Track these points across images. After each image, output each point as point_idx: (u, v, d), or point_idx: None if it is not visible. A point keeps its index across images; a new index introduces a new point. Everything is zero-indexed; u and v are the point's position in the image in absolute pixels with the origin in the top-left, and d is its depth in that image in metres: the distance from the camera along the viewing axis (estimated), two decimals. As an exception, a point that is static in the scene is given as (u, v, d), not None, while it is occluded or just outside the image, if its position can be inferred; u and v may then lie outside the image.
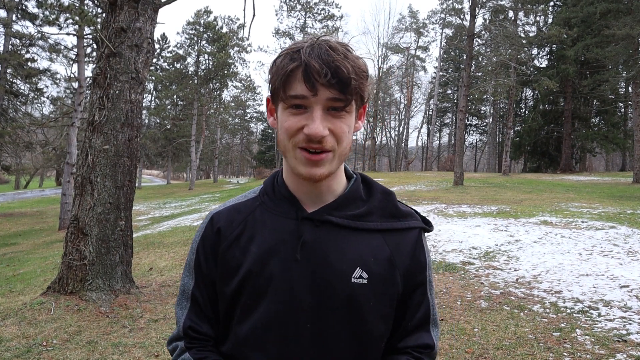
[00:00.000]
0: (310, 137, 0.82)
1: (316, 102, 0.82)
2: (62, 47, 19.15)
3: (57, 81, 22.37)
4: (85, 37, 15.53)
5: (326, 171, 0.86)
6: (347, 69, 0.80)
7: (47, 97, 23.59)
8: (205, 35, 37.77)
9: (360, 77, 0.83)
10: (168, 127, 40.69)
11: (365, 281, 0.89)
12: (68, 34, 15.79)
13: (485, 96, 33.16)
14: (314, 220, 0.90)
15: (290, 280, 0.88)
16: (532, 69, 31.30)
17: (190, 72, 38.08)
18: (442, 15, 38.53)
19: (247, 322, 0.90)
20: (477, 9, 19.94)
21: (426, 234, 1.02)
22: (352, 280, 0.88)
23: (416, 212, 1.01)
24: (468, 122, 45.44)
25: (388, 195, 0.98)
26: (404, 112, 42.26)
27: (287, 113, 0.85)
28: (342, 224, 0.91)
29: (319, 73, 0.79)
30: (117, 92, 4.95)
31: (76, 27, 14.63)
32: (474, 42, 20.51)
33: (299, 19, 37.88)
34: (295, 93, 0.82)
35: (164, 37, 45.84)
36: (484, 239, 7.39)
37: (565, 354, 3.35)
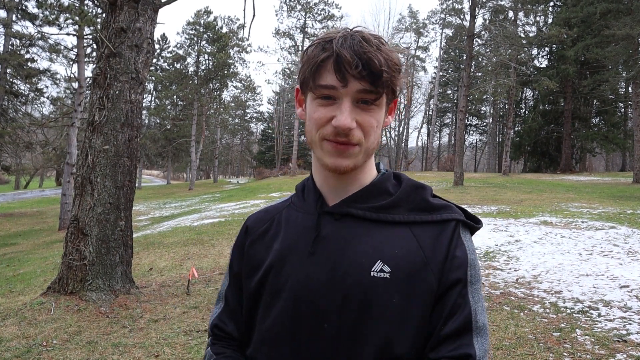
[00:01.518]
0: (338, 128, 0.80)
1: (346, 94, 0.80)
2: (62, 47, 19.17)
3: (57, 81, 22.39)
4: (85, 37, 15.54)
5: (351, 163, 0.84)
6: (379, 61, 0.78)
7: (47, 97, 23.60)
8: (205, 36, 37.79)
9: (392, 70, 0.80)
10: (168, 127, 40.70)
11: (387, 275, 0.82)
12: (68, 34, 15.81)
13: (485, 96, 33.17)
14: (334, 214, 0.88)
15: (306, 276, 0.85)
16: (532, 69, 31.31)
17: (190, 72, 38.09)
18: (442, 16, 38.55)
19: (267, 320, 0.89)
20: (477, 9, 19.95)
21: (476, 232, 0.92)
22: (372, 273, 0.82)
23: (459, 207, 0.91)
24: (468, 122, 45.45)
25: (418, 189, 0.90)
26: (404, 112, 42.27)
27: (315, 104, 0.84)
28: (363, 216, 0.87)
29: (350, 64, 0.78)
30: (117, 92, 4.95)
31: (76, 27, 14.64)
32: (474, 42, 20.51)
33: (299, 19, 37.89)
34: (325, 83, 0.81)
35: (164, 37, 45.86)
36: (484, 239, 7.39)
37: (565, 354, 3.35)
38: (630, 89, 27.16)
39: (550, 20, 31.32)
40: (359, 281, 0.82)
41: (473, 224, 0.90)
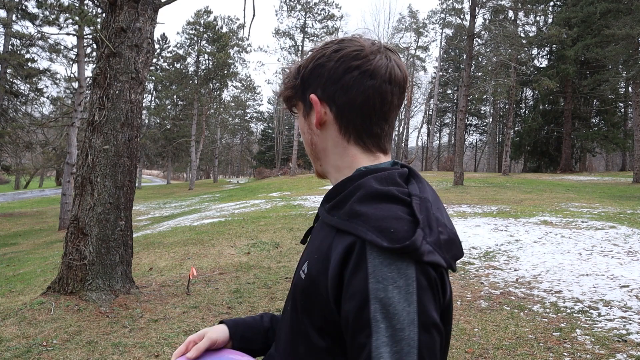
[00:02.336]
0: None
1: None
2: (62, 47, 19.18)
3: (57, 81, 22.39)
4: (85, 37, 15.54)
5: (314, 168, 0.93)
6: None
7: (47, 97, 23.62)
8: (205, 35, 37.79)
9: (284, 84, 0.90)
10: (168, 127, 40.71)
11: (303, 276, 0.79)
12: (68, 34, 15.81)
13: (485, 96, 33.17)
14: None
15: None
16: (532, 69, 31.32)
17: (190, 72, 38.11)
18: (442, 15, 38.58)
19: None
20: (477, 9, 19.95)
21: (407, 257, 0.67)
22: (300, 272, 0.81)
23: (401, 217, 0.69)
24: (468, 122, 45.46)
25: (357, 188, 0.76)
26: (404, 112, 42.27)
27: None
28: (322, 219, 0.83)
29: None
30: (117, 92, 4.95)
31: (76, 27, 14.64)
32: (474, 42, 20.51)
33: (299, 19, 37.88)
34: None
35: (164, 37, 45.87)
36: (484, 239, 7.39)
37: (565, 354, 3.35)
38: (630, 88, 27.16)
39: (550, 20, 31.33)
40: (296, 278, 0.85)
41: (383, 244, 0.66)
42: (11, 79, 21.24)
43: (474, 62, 23.47)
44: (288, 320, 0.85)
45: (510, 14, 26.10)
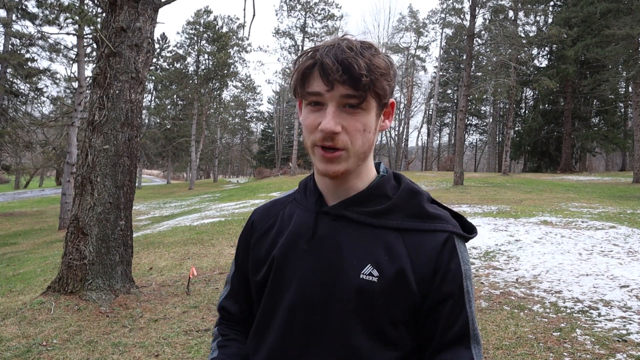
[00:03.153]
0: (323, 132, 0.84)
1: (331, 99, 0.84)
2: (62, 46, 19.18)
3: (57, 81, 22.36)
4: (85, 37, 15.53)
5: (342, 168, 0.87)
6: (358, 65, 0.81)
7: (47, 97, 23.58)
8: (205, 35, 37.77)
9: (374, 73, 0.83)
10: (168, 126, 40.71)
11: (375, 279, 0.86)
12: (68, 33, 15.80)
13: (485, 96, 33.18)
14: (331, 214, 0.92)
15: (303, 272, 0.91)
16: (532, 69, 31.32)
17: (190, 72, 38.09)
18: (442, 15, 38.56)
19: (266, 307, 0.96)
20: (477, 8, 19.94)
21: (469, 241, 0.97)
22: (361, 276, 0.86)
23: (456, 216, 0.95)
24: (468, 122, 45.46)
25: (414, 195, 0.93)
26: (404, 112, 42.26)
27: (306, 110, 0.88)
28: (357, 220, 0.90)
29: (331, 69, 0.82)
30: (117, 92, 4.95)
31: (76, 26, 14.63)
32: (474, 42, 20.52)
33: (299, 19, 37.86)
34: (311, 90, 0.85)
35: (163, 36, 45.86)
36: (484, 239, 7.39)
37: (565, 354, 3.35)
38: (630, 88, 27.16)
39: (550, 20, 31.32)
40: (348, 282, 0.87)
41: (467, 234, 0.92)
42: (11, 79, 21.23)
43: (474, 62, 23.45)
44: (343, 325, 0.87)
45: (510, 14, 26.10)
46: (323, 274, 0.89)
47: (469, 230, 0.93)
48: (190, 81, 36.75)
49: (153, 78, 39.20)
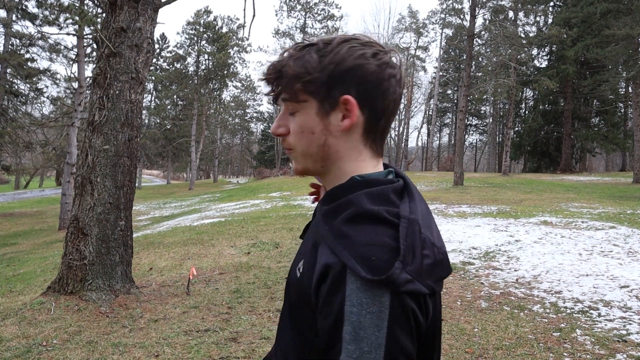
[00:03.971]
0: (272, 134, 0.88)
1: (281, 103, 0.86)
2: (62, 47, 19.19)
3: (57, 81, 22.38)
4: (85, 37, 15.54)
5: (299, 167, 0.88)
6: (269, 67, 0.83)
7: (47, 97, 23.60)
8: (205, 35, 37.79)
9: (273, 74, 0.83)
10: (168, 127, 40.72)
11: (298, 275, 0.82)
12: (68, 34, 15.81)
13: (485, 96, 33.18)
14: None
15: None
16: (532, 69, 31.33)
17: (190, 72, 38.11)
18: (442, 15, 38.57)
19: None
20: (477, 9, 19.95)
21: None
22: (296, 270, 0.84)
23: (393, 252, 0.69)
24: (468, 122, 45.47)
25: (348, 203, 0.77)
26: (404, 112, 42.26)
27: None
28: (318, 218, 0.85)
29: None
30: (117, 92, 4.95)
31: (76, 27, 14.64)
32: (474, 42, 20.52)
33: (299, 19, 37.91)
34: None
35: (163, 37, 45.88)
36: (484, 239, 7.39)
37: (565, 354, 3.36)
38: (630, 89, 27.17)
39: (550, 20, 31.34)
40: (292, 270, 0.87)
41: (365, 274, 0.67)
42: (11, 79, 21.24)
43: (474, 62, 23.48)
44: (287, 316, 0.87)
45: (510, 14, 26.11)
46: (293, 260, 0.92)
47: (377, 271, 0.67)
48: (190, 81, 36.77)
49: (153, 78, 39.22)
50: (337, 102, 0.80)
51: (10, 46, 20.74)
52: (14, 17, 19.86)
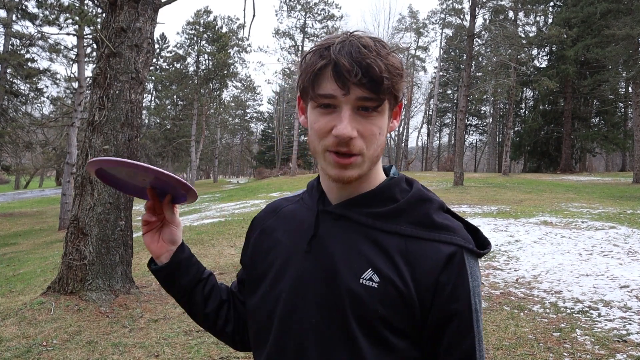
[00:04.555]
0: (339, 138, 0.78)
1: (346, 102, 0.78)
2: (62, 47, 19.16)
3: (57, 81, 22.37)
4: (85, 37, 15.54)
5: (355, 174, 0.83)
6: (379, 67, 0.76)
7: (47, 97, 23.58)
8: (205, 35, 37.79)
9: (393, 75, 0.78)
10: (168, 127, 40.71)
11: (375, 285, 0.81)
12: (68, 34, 15.81)
13: (485, 96, 33.19)
14: (333, 214, 0.88)
15: (303, 271, 0.87)
16: (532, 69, 31.33)
17: (190, 72, 38.11)
18: (442, 16, 38.57)
19: (259, 301, 0.94)
20: (477, 9, 19.96)
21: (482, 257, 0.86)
22: (361, 280, 0.81)
23: (471, 228, 0.87)
24: (468, 122, 45.47)
25: (423, 201, 0.86)
26: (404, 112, 42.16)
27: (316, 113, 0.82)
28: (359, 221, 0.85)
29: (350, 72, 0.75)
30: (117, 92, 4.95)
31: (76, 27, 14.64)
32: (474, 42, 20.52)
33: (299, 19, 37.89)
34: (324, 92, 0.79)
35: (163, 37, 45.88)
36: (484, 239, 7.38)
37: (565, 354, 3.35)
38: (630, 89, 27.17)
39: (550, 20, 31.33)
40: (347, 285, 0.82)
41: (478, 250, 0.84)
42: (11, 79, 21.24)
43: (474, 62, 23.48)
44: (335, 332, 0.83)
45: (510, 14, 26.11)
46: (323, 275, 0.85)
47: (482, 246, 0.85)
48: (190, 81, 36.78)
49: (153, 78, 39.22)
50: (397, 105, 0.86)
51: (10, 46, 20.74)
52: (14, 17, 19.86)
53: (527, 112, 38.29)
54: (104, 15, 5.56)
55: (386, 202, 0.86)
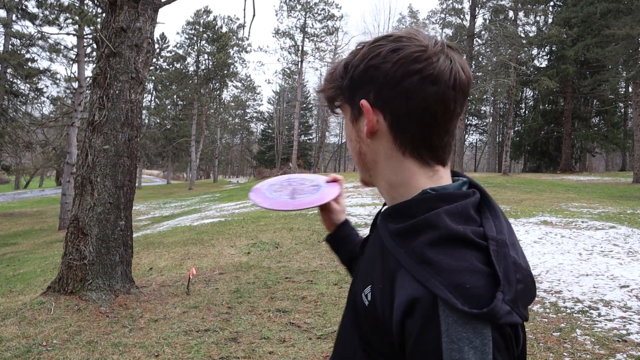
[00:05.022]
0: None
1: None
2: (62, 47, 19.17)
3: (57, 81, 22.38)
4: (85, 37, 15.54)
5: (360, 176, 0.85)
6: (323, 81, 0.83)
7: (47, 97, 23.59)
8: (205, 35, 37.80)
9: (328, 81, 0.81)
10: (168, 127, 40.73)
11: (366, 303, 0.74)
12: (68, 34, 15.82)
13: (485, 96, 33.17)
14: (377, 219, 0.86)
15: (357, 272, 0.87)
16: (532, 69, 31.33)
17: (190, 72, 38.12)
18: (442, 15, 38.50)
19: None
20: (477, 9, 19.98)
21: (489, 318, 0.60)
22: (362, 296, 0.76)
23: (493, 282, 0.62)
24: (468, 122, 45.43)
25: (426, 227, 0.68)
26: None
27: None
28: (382, 234, 0.77)
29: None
30: (117, 92, 4.95)
31: (76, 27, 14.65)
32: (474, 42, 20.52)
33: (299, 19, 37.87)
34: None
35: (163, 37, 45.88)
36: (484, 239, 7.38)
37: (565, 354, 3.36)
38: (630, 88, 27.18)
39: (550, 20, 31.33)
40: (354, 293, 0.81)
41: (461, 306, 0.59)
42: (11, 79, 21.25)
43: (474, 62, 23.48)
44: (349, 337, 0.81)
45: (510, 14, 26.11)
46: (356, 278, 0.84)
47: (477, 304, 0.60)
48: (190, 81, 36.79)
49: (153, 78, 39.22)
50: (360, 110, 0.76)
51: (10, 46, 20.75)
52: (14, 17, 19.87)
53: (527, 112, 38.30)
54: (104, 15, 5.56)
55: (403, 219, 0.74)
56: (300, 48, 37.56)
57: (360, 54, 0.74)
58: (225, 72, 37.38)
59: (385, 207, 0.81)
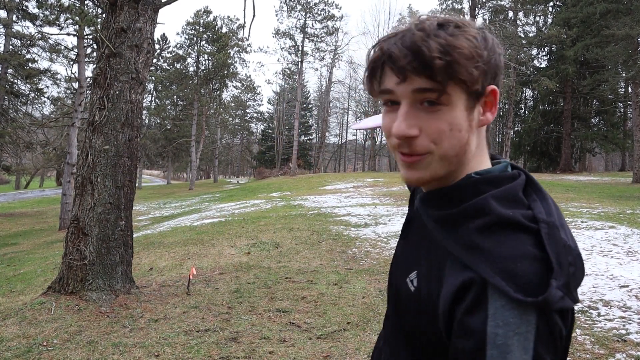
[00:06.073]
0: (396, 137, 0.70)
1: (403, 95, 0.69)
2: (63, 47, 19.19)
3: (58, 81, 22.41)
4: (86, 37, 15.56)
5: (425, 175, 0.71)
6: (429, 48, 0.65)
7: (48, 98, 23.59)
8: (205, 36, 37.83)
9: (450, 54, 0.65)
10: (168, 127, 40.75)
11: (412, 289, 0.73)
12: (68, 34, 15.84)
13: (485, 96, 33.16)
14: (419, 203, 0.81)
15: (397, 257, 0.85)
16: (532, 69, 31.34)
17: (190, 73, 38.15)
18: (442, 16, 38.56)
19: None
20: (477, 9, 19.99)
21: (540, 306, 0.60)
22: (407, 279, 0.75)
23: (546, 269, 0.60)
24: (468, 122, 45.45)
25: (476, 210, 0.67)
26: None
27: (384, 110, 0.74)
28: (427, 221, 0.75)
29: (398, 57, 0.67)
30: (117, 92, 4.96)
31: (76, 27, 14.67)
32: (474, 42, 20.53)
33: (299, 19, 37.89)
34: (382, 87, 0.71)
35: (163, 37, 45.90)
36: (483, 239, 7.38)
37: (564, 353, 3.36)
38: (629, 89, 27.18)
39: (550, 20, 31.35)
40: (399, 279, 0.79)
41: (515, 294, 0.59)
42: (12, 79, 21.26)
43: (473, 62, 23.44)
44: (402, 336, 0.79)
45: (510, 14, 26.13)
46: (395, 266, 0.84)
47: (532, 292, 0.59)
48: (190, 82, 36.82)
49: (153, 78, 39.25)
50: (484, 94, 0.72)
51: (10, 46, 20.77)
52: (14, 18, 19.88)
53: (526, 112, 38.30)
54: (104, 15, 5.57)
55: (449, 205, 0.72)
56: (300, 48, 37.58)
57: (483, 36, 0.71)
58: (225, 72, 37.41)
59: (424, 191, 0.78)
